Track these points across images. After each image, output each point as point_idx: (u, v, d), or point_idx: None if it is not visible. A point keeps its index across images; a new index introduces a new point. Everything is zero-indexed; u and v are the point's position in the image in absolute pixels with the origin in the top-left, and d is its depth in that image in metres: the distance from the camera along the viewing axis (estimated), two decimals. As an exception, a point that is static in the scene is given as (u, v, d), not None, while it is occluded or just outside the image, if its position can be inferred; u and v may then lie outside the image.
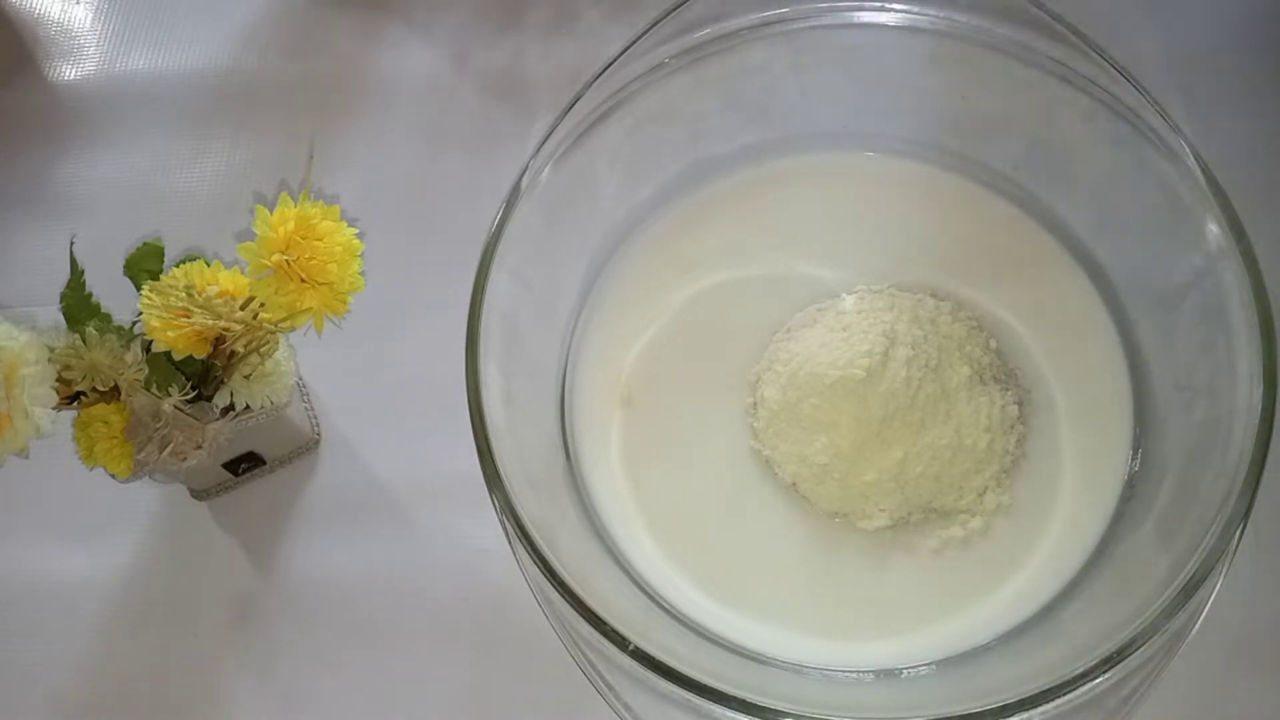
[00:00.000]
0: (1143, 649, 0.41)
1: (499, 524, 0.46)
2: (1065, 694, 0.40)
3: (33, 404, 0.47)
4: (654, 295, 0.56)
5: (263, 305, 0.49)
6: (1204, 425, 0.47)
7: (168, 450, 0.51)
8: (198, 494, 0.60)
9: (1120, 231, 0.54)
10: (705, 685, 0.41)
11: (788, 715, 0.41)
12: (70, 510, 0.61)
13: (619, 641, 0.42)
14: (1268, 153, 0.62)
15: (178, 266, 0.51)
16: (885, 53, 0.55)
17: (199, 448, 0.52)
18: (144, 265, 0.53)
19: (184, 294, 0.49)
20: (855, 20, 0.55)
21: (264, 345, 0.52)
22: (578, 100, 0.52)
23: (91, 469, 0.52)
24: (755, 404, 0.53)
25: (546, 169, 0.51)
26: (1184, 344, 0.50)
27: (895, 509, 0.50)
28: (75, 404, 0.51)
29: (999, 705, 0.40)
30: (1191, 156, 0.48)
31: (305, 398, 0.61)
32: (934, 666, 0.48)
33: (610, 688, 0.47)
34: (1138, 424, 0.52)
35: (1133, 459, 0.51)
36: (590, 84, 0.52)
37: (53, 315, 0.53)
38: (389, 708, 0.55)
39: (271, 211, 0.47)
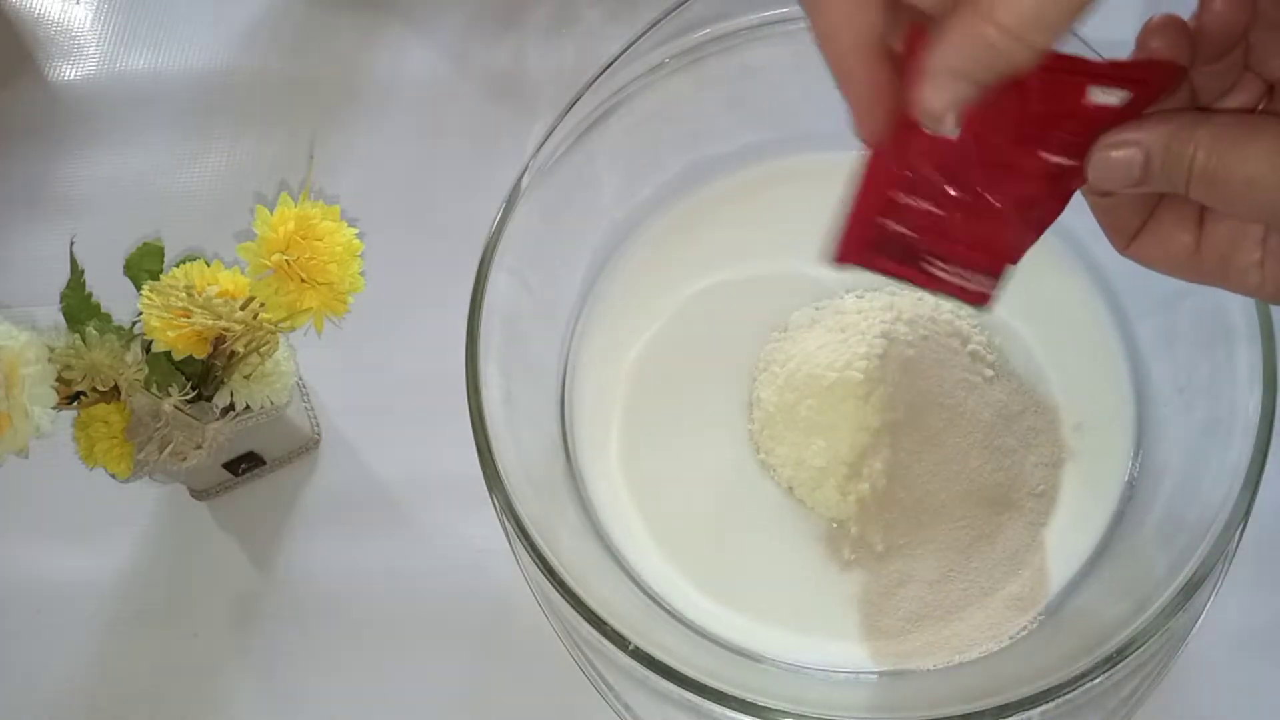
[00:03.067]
0: (1143, 649, 0.41)
1: (499, 524, 0.46)
2: (1065, 694, 0.40)
3: (33, 404, 0.47)
4: (654, 295, 0.56)
5: (263, 305, 0.49)
6: (1204, 426, 0.47)
7: (168, 450, 0.51)
8: (198, 494, 0.60)
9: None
10: (705, 685, 0.41)
11: (788, 715, 0.41)
12: (70, 510, 0.61)
13: (619, 641, 0.42)
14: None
15: (178, 266, 0.51)
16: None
17: (199, 448, 0.52)
18: (144, 265, 0.53)
19: (184, 294, 0.49)
20: (855, 20, 0.55)
21: (264, 345, 0.52)
22: (578, 100, 0.52)
23: (91, 469, 0.52)
24: (752, 405, 0.53)
25: (546, 169, 0.51)
26: (1184, 345, 0.50)
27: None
28: (75, 404, 0.51)
29: (999, 705, 0.40)
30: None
31: (305, 398, 0.61)
32: (934, 667, 0.48)
33: (610, 688, 0.47)
34: (1138, 424, 0.51)
35: (1133, 459, 0.51)
36: (590, 84, 0.52)
37: (53, 315, 0.53)
38: (389, 708, 0.55)
39: (271, 211, 0.47)
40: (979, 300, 0.37)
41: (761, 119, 0.58)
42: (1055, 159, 0.32)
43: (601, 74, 0.52)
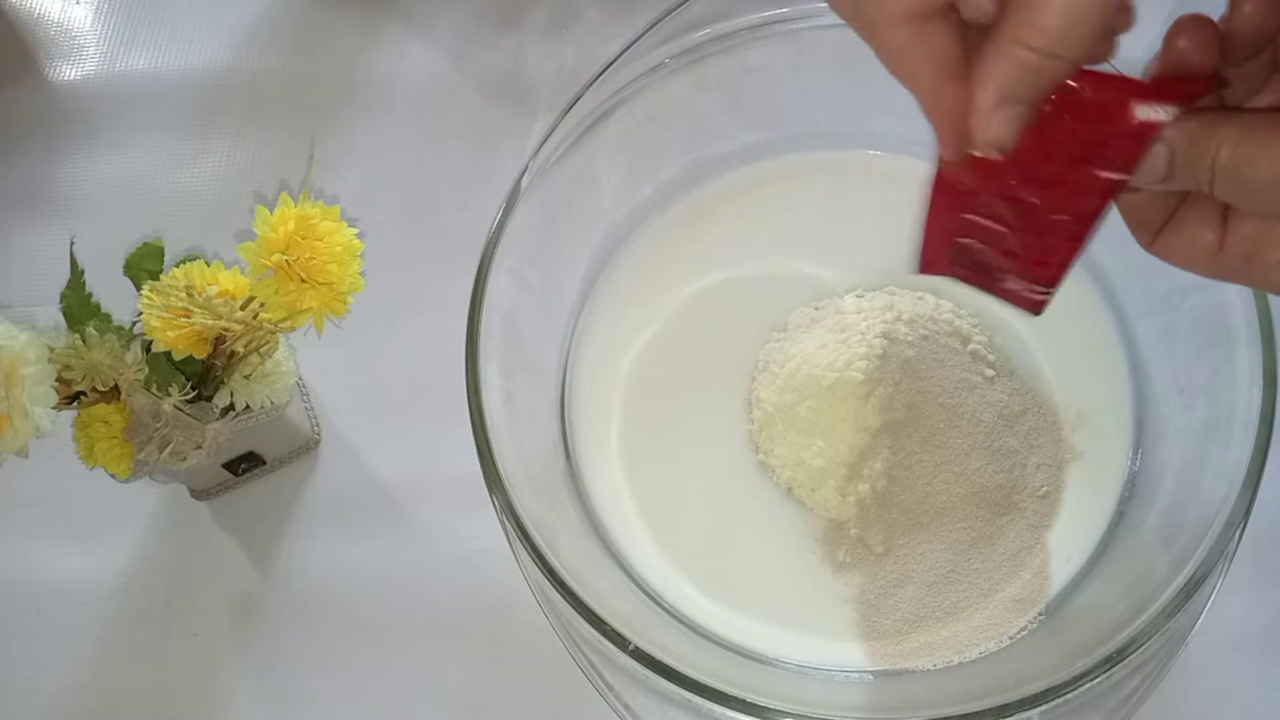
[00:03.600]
0: (1143, 649, 0.41)
1: (499, 524, 0.46)
2: (1065, 694, 0.40)
3: (33, 404, 0.47)
4: (654, 294, 0.56)
5: (263, 305, 0.49)
6: (1204, 425, 0.47)
7: (168, 450, 0.51)
8: (198, 494, 0.60)
9: (1121, 231, 0.54)
10: (705, 685, 0.41)
11: (788, 715, 0.41)
12: (70, 510, 0.61)
13: (619, 641, 0.42)
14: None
15: (178, 266, 0.51)
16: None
17: (199, 448, 0.52)
18: (144, 265, 0.53)
19: (184, 294, 0.49)
20: (855, 20, 0.55)
21: (264, 345, 0.52)
22: (578, 100, 0.52)
23: (91, 469, 0.52)
24: (751, 405, 0.53)
25: (547, 169, 0.51)
26: (1184, 344, 0.50)
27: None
28: (75, 404, 0.51)
29: (999, 705, 0.40)
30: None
31: (305, 398, 0.61)
32: (933, 666, 0.48)
33: (610, 688, 0.47)
34: (1138, 424, 0.52)
35: (1133, 459, 0.51)
36: (590, 84, 0.52)
37: (53, 315, 0.53)
38: (389, 708, 0.55)
39: (271, 211, 0.47)
40: (1037, 308, 0.38)
41: (761, 119, 0.58)
42: (1108, 175, 0.33)
43: (601, 74, 0.52)
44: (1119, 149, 0.32)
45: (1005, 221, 0.35)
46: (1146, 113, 0.31)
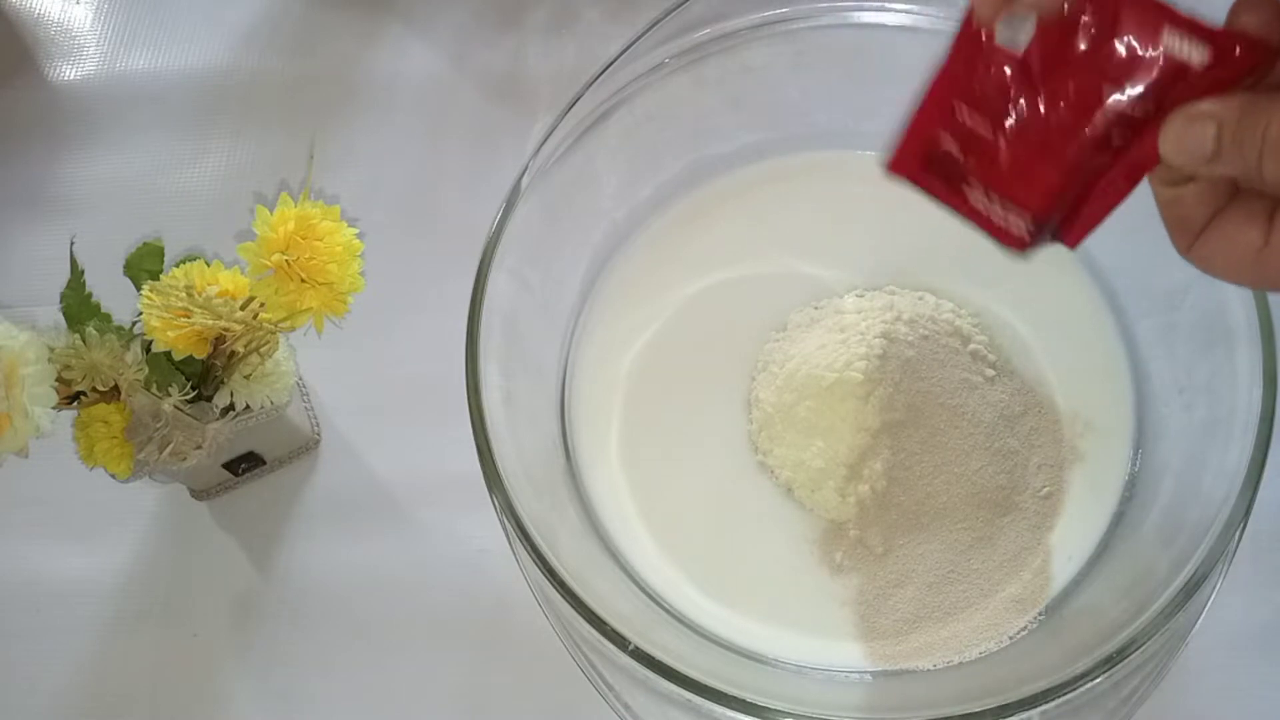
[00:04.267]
0: (1143, 649, 0.41)
1: (499, 524, 0.46)
2: (1065, 694, 0.40)
3: (33, 404, 0.47)
4: (654, 294, 0.56)
5: (263, 305, 0.49)
6: (1204, 425, 0.47)
7: (168, 450, 0.51)
8: (198, 494, 0.60)
9: (1120, 231, 0.54)
10: (705, 685, 0.41)
11: (788, 715, 0.41)
12: (70, 510, 0.61)
13: (619, 641, 0.42)
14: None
15: (178, 266, 0.51)
16: (885, 53, 0.55)
17: (199, 448, 0.52)
18: (144, 265, 0.53)
19: (184, 294, 0.49)
20: (855, 20, 0.55)
21: (264, 345, 0.52)
22: (578, 100, 0.52)
23: (91, 469, 0.52)
24: (750, 405, 0.53)
25: (547, 169, 0.51)
26: (1184, 344, 0.50)
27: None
28: (75, 404, 0.51)
29: (999, 705, 0.40)
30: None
31: (305, 398, 0.61)
32: (933, 667, 0.48)
33: (610, 688, 0.47)
34: (1138, 424, 0.52)
35: (1133, 459, 0.51)
36: (590, 84, 0.52)
37: (53, 315, 0.53)
38: (389, 708, 0.55)
39: (271, 211, 0.47)
40: (1015, 244, 0.37)
41: (761, 119, 0.58)
42: (1118, 99, 0.32)
43: (601, 74, 0.52)
44: (1134, 72, 0.31)
45: (998, 128, 0.35)
46: (1177, 45, 0.31)
